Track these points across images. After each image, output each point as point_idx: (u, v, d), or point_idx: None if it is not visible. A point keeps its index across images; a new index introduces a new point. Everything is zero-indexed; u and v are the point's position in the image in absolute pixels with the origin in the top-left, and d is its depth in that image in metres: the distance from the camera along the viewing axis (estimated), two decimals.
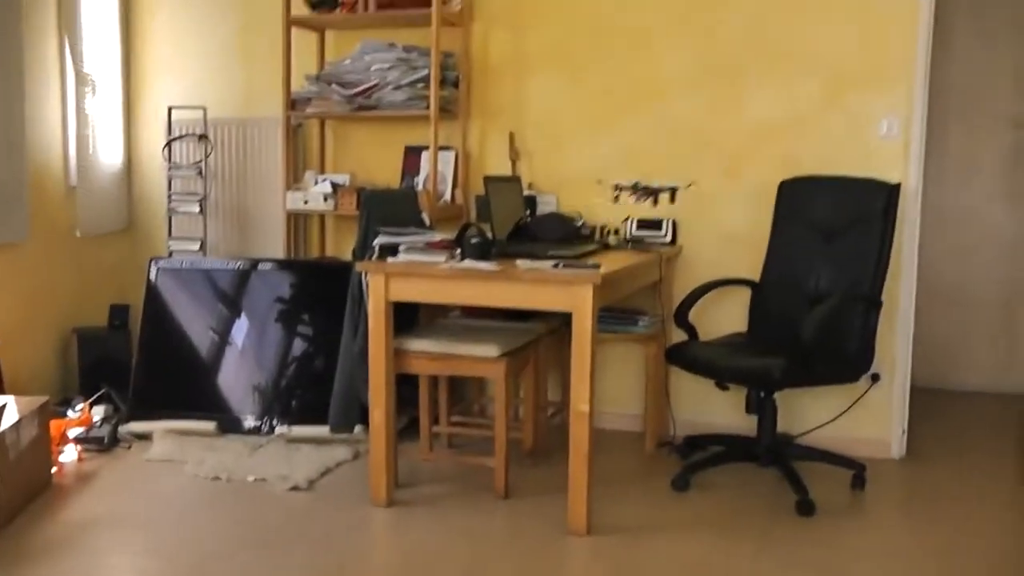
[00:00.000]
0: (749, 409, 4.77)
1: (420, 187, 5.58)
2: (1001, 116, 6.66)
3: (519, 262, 4.12)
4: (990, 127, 6.68)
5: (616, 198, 5.49)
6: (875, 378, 5.07)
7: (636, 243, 5.17)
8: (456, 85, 5.67)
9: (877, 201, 4.77)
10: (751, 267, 5.15)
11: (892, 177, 4.95)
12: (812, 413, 5.24)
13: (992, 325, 6.77)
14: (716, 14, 5.33)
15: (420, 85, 5.49)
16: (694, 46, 5.37)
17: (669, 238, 5.29)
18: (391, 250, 4.33)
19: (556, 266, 4.04)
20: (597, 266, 4.06)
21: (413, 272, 4.16)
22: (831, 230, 4.89)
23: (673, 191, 5.42)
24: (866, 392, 5.12)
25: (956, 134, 6.73)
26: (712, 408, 5.39)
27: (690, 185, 5.37)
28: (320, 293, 5.44)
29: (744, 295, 5.15)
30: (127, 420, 5.32)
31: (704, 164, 5.38)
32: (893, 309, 5.08)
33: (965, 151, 6.73)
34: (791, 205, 5.04)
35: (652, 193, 5.44)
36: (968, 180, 6.75)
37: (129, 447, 5.14)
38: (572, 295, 3.93)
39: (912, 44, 5.02)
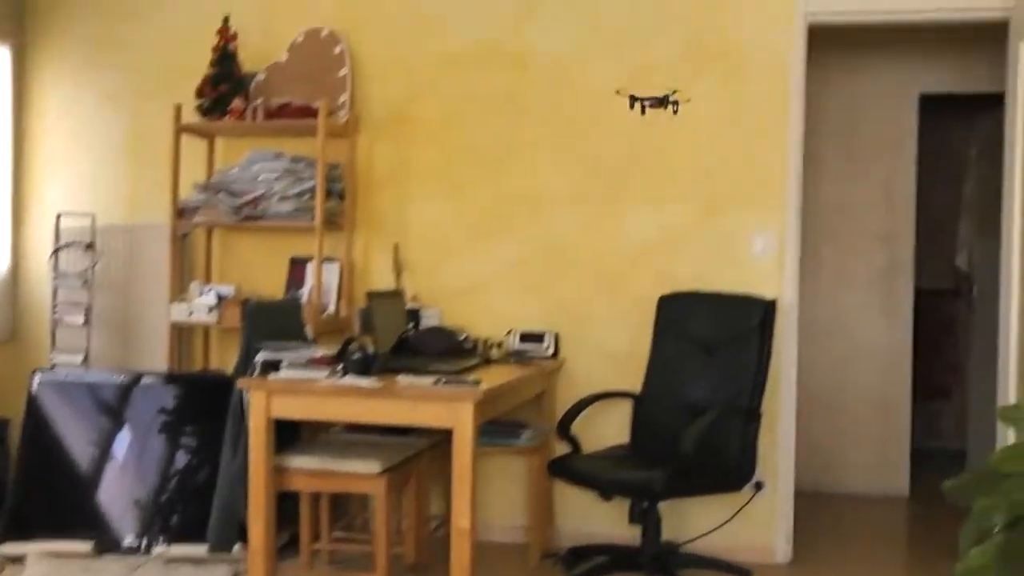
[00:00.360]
0: (633, 519, 4.83)
1: (305, 299, 5.58)
2: (872, 233, 6.95)
3: (400, 378, 4.15)
4: (862, 243, 6.97)
5: None
6: (759, 486, 5.16)
7: (519, 357, 5.21)
8: (342, 197, 5.71)
9: (754, 316, 4.93)
10: (633, 380, 5.23)
11: (768, 292, 5.12)
12: (698, 520, 5.30)
13: (870, 430, 6.98)
14: (594, 134, 5.51)
15: (306, 196, 5.54)
16: (573, 165, 5.53)
17: (551, 351, 5.36)
18: (273, 365, 4.32)
19: (437, 382, 4.07)
20: (478, 382, 4.10)
21: (295, 389, 4.16)
22: (710, 344, 5.02)
23: None
24: (750, 500, 5.20)
25: (831, 250, 7.01)
26: (596, 518, 5.41)
27: None
28: (203, 407, 5.35)
29: (626, 407, 5.23)
30: (0, 542, 5.16)
31: (584, 279, 5.49)
32: (774, 419, 5.21)
33: (840, 266, 7.00)
34: (670, 320, 5.16)
35: None
36: (843, 294, 7.00)
37: (1, 571, 4.98)
38: (453, 412, 3.95)
39: (783, 165, 5.26)
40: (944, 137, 8.10)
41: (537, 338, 5.37)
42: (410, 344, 4.88)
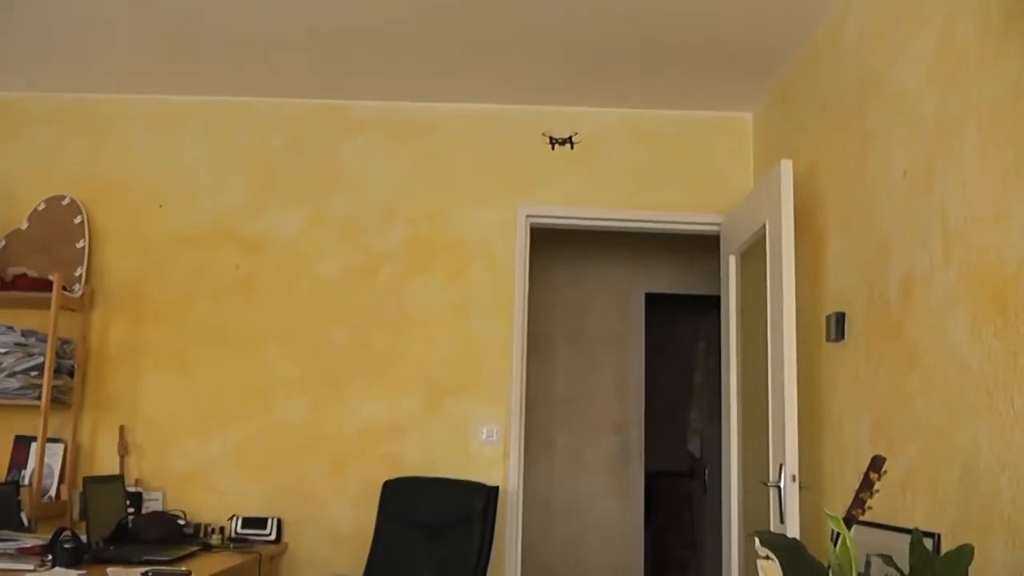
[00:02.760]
0: None
1: (26, 481, 5.39)
2: (605, 422, 7.29)
3: (109, 570, 4.06)
4: (596, 432, 7.29)
5: None
6: None
7: (239, 543, 5.17)
8: (71, 374, 5.60)
9: (477, 501, 5.05)
10: (357, 564, 5.25)
11: (495, 479, 5.28)
12: None
13: None
14: (322, 324, 5.66)
15: (35, 373, 5.40)
16: (301, 353, 5.64)
17: (274, 536, 5.34)
18: None
19: (145, 574, 4.02)
20: (188, 573, 4.06)
21: None
22: (433, 528, 5.10)
23: None
24: None
25: (564, 438, 7.31)
26: None
27: None
28: None
29: None
30: None
31: (311, 464, 5.54)
32: None
33: (575, 453, 7.28)
34: (394, 504, 5.23)
35: None
36: (579, 478, 7.26)
37: None
38: None
39: (507, 359, 5.53)
40: (672, 331, 8.61)
41: (260, 523, 5.35)
42: (129, 531, 4.79)
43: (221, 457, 5.59)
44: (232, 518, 5.38)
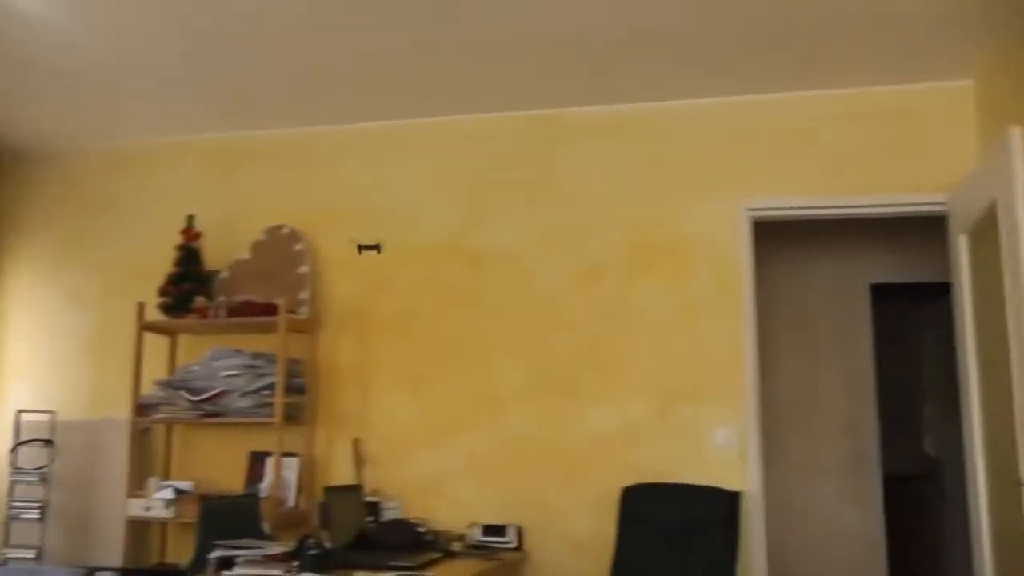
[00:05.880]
0: None
1: (264, 494, 5.53)
2: (835, 422, 6.99)
3: (357, 574, 4.08)
4: (826, 433, 6.99)
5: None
6: None
7: (480, 549, 5.13)
8: (302, 392, 5.73)
9: (719, 508, 4.91)
10: (599, 571, 5.17)
11: (733, 483, 5.11)
12: None
13: None
14: (548, 332, 5.59)
15: (266, 392, 5.54)
16: (530, 361, 5.59)
17: (515, 544, 5.29)
18: (228, 562, 4.25)
19: None
20: None
21: None
22: (675, 535, 4.96)
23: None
24: None
25: (796, 440, 7.01)
26: None
27: None
28: None
29: None
30: None
31: (546, 472, 5.47)
32: None
33: (804, 455, 7.00)
34: (634, 511, 5.11)
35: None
36: (809, 482, 6.98)
37: None
38: None
39: (738, 358, 5.31)
40: (900, 323, 8.24)
41: (499, 530, 5.31)
42: (370, 538, 4.81)
43: (454, 466, 5.59)
44: (471, 525, 5.36)
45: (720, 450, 5.27)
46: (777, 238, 6.44)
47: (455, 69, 5.27)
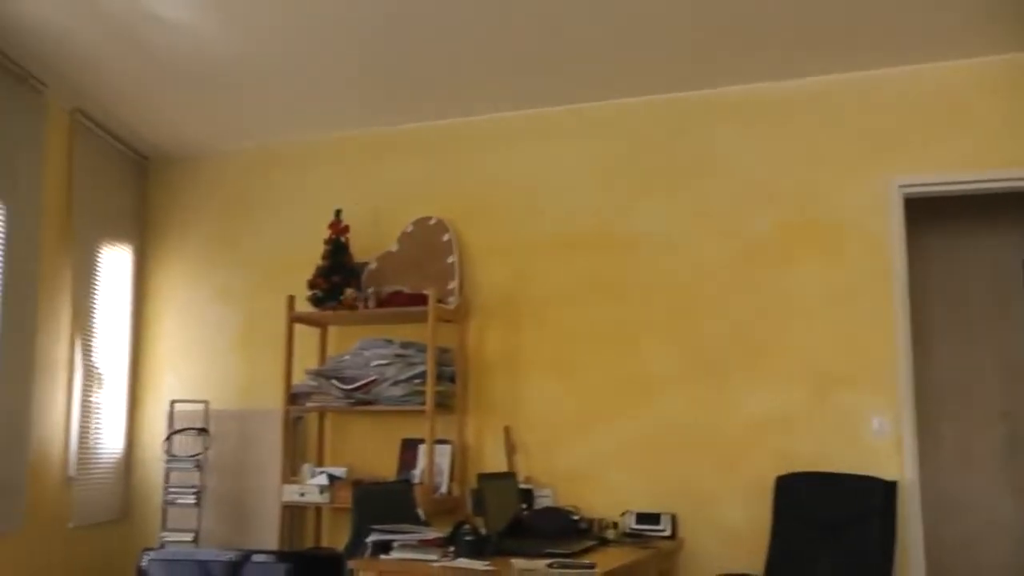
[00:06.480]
0: None
1: (416, 480, 5.59)
2: (991, 409, 6.74)
3: (514, 561, 4.06)
4: (981, 420, 6.75)
5: None
6: None
7: (635, 538, 5.10)
8: (453, 380, 5.78)
9: (875, 498, 4.80)
10: (753, 561, 5.08)
11: (888, 473, 4.98)
12: None
13: None
14: (701, 317, 5.51)
15: (417, 381, 5.59)
16: (681, 347, 5.52)
17: (669, 532, 5.24)
18: (384, 546, 4.29)
19: (551, 566, 3.97)
20: (592, 565, 3.99)
21: (406, 570, 4.09)
22: (831, 525, 4.87)
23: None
24: None
25: (949, 428, 6.79)
26: None
27: None
28: None
29: None
30: None
31: (698, 459, 5.40)
32: None
33: (958, 444, 6.77)
34: (790, 501, 5.02)
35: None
36: (964, 471, 6.76)
37: None
38: None
39: (891, 343, 5.15)
40: None
41: (653, 519, 5.27)
42: (523, 525, 4.81)
43: (605, 454, 5.57)
44: (625, 513, 5.33)
45: (875, 438, 5.13)
46: (926, 214, 6.20)
47: (602, 53, 5.24)
